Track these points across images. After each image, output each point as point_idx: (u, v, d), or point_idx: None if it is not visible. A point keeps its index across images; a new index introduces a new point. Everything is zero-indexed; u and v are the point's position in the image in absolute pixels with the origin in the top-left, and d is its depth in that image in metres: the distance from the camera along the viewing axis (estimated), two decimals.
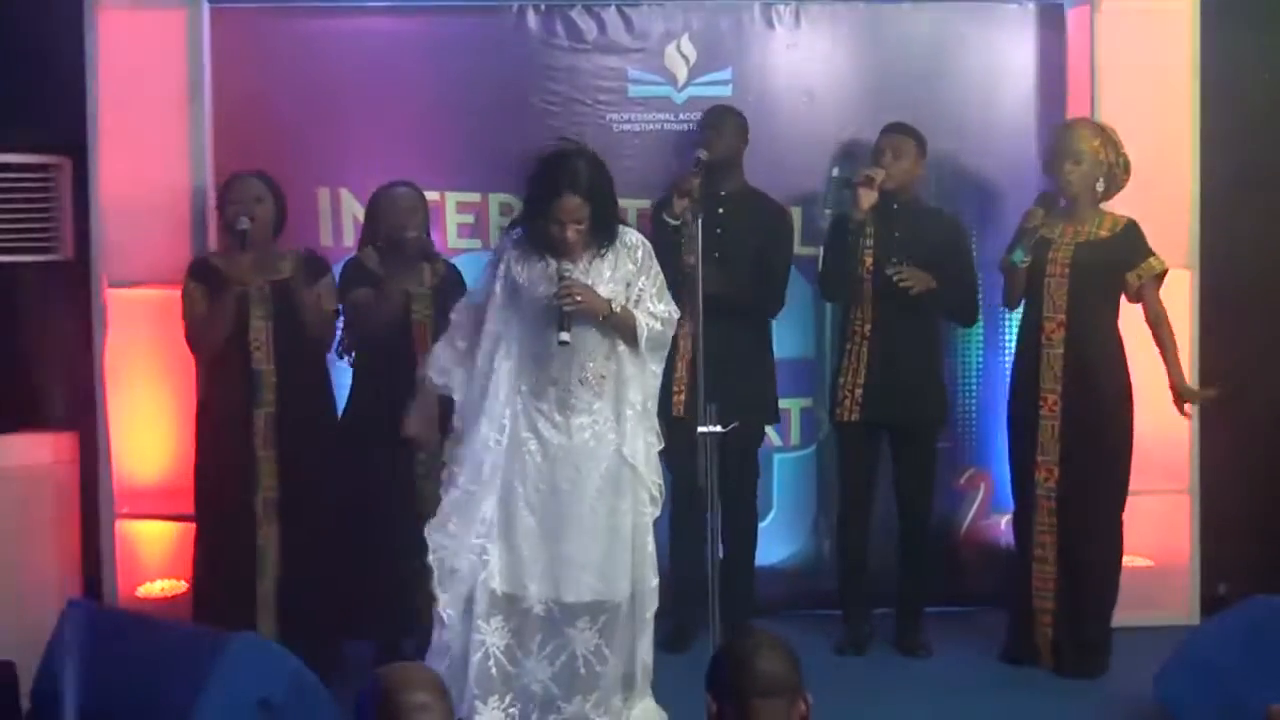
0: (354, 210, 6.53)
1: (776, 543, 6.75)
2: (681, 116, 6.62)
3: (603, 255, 5.16)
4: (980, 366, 6.74)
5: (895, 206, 6.16)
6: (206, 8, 6.41)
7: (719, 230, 6.04)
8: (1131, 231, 6.00)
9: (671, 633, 6.25)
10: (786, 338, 6.68)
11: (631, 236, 5.26)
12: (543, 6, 6.62)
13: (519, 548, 5.13)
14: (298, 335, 5.88)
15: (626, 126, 6.62)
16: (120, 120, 6.27)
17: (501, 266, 5.22)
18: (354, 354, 6.06)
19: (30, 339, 6.26)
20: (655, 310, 5.20)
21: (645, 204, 6.57)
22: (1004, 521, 6.72)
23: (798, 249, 6.66)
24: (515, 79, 6.59)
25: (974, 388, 6.77)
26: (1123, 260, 5.96)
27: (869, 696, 5.69)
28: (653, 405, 5.27)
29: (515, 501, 5.14)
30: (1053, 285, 5.96)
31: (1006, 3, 6.78)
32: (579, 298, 5.02)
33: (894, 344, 6.15)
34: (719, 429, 4.96)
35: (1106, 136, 6.01)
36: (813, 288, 6.65)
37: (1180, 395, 6.02)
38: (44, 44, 6.27)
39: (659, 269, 5.27)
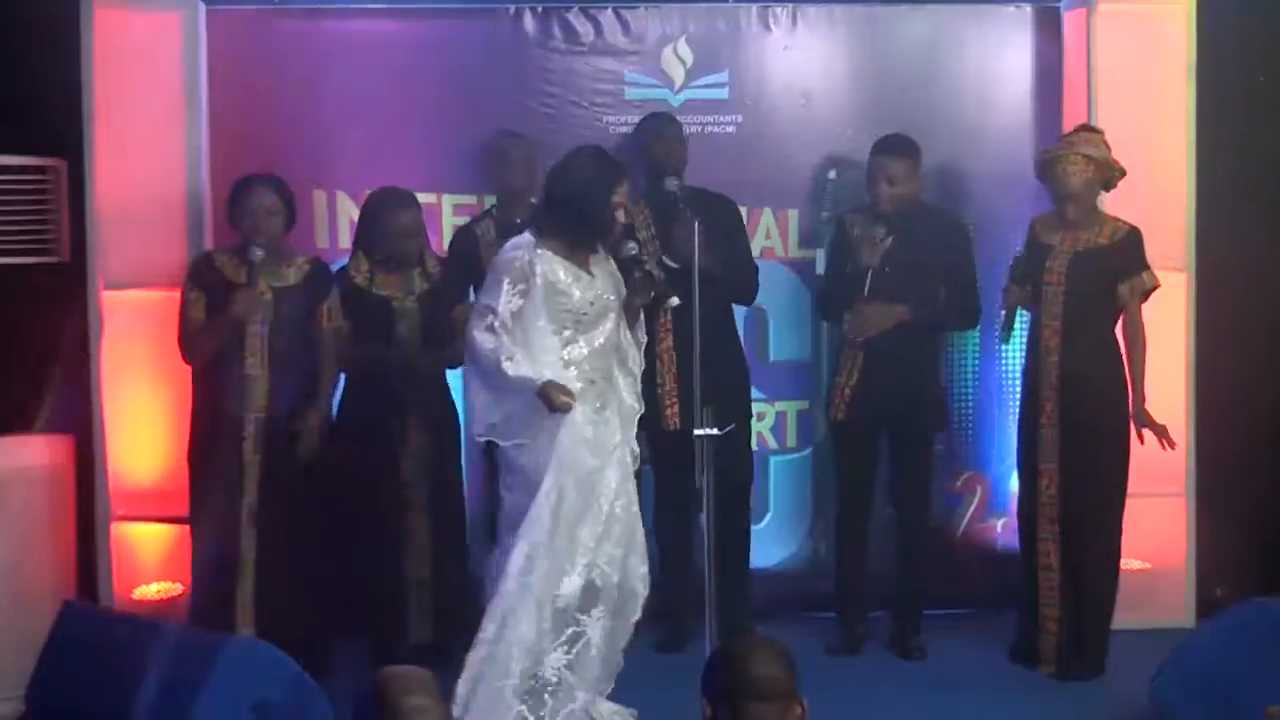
0: (350, 213, 6.52)
1: (772, 545, 6.75)
2: (678, 119, 6.60)
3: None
4: (976, 371, 6.74)
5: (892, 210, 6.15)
6: (202, 10, 6.40)
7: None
8: (1132, 241, 5.96)
9: (667, 635, 6.26)
10: (783, 341, 6.69)
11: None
12: (539, 9, 6.62)
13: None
14: (294, 341, 5.86)
15: (623, 129, 6.61)
16: (116, 122, 6.26)
17: (538, 276, 5.21)
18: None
19: (26, 341, 6.24)
20: None
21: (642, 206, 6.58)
22: (1000, 524, 6.73)
23: (793, 252, 6.67)
24: (512, 81, 6.59)
25: (969, 392, 6.76)
26: (1119, 269, 5.94)
27: (865, 699, 5.69)
28: None
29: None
30: (1049, 294, 5.96)
31: (1003, 5, 6.78)
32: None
33: (889, 349, 6.14)
34: (715, 431, 4.96)
35: (1104, 145, 5.96)
36: (809, 290, 6.65)
37: (1137, 419, 5.97)
38: (40, 46, 6.26)
39: None
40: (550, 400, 5.11)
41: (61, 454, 6.13)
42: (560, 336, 5.25)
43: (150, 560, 6.29)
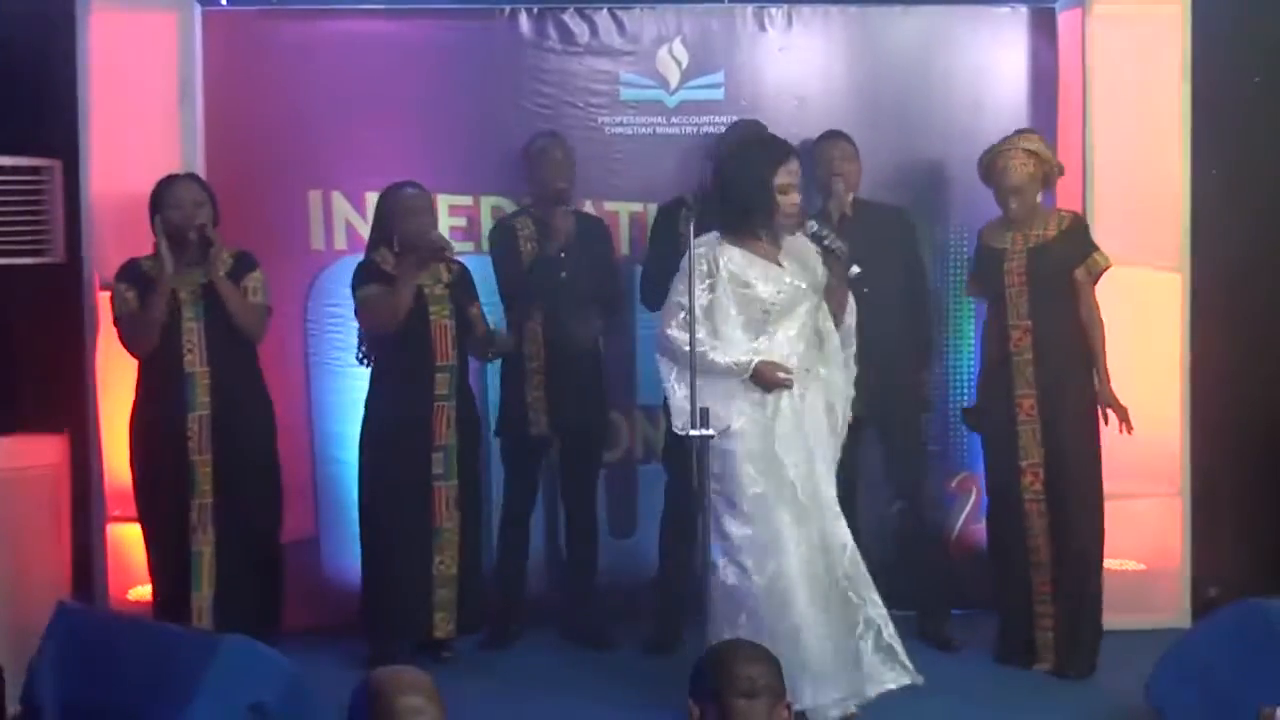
0: (345, 213, 6.53)
1: None
2: (673, 120, 6.63)
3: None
4: (971, 371, 6.73)
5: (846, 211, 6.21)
6: (198, 10, 6.41)
7: None
8: (1078, 226, 6.03)
9: (658, 635, 6.26)
10: None
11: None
12: (535, 9, 6.62)
13: None
14: (231, 336, 5.86)
15: (618, 130, 6.62)
16: (111, 123, 6.26)
17: (722, 269, 5.28)
18: (373, 357, 6.07)
19: (21, 341, 6.24)
20: None
21: (638, 208, 6.60)
22: None
23: None
24: (507, 82, 6.60)
25: (965, 392, 6.75)
26: (1072, 257, 5.98)
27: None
28: None
29: None
30: (1013, 294, 5.99)
31: (998, 6, 6.79)
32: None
33: (870, 345, 6.18)
34: (711, 432, 4.96)
35: (1038, 150, 5.96)
36: None
37: (1101, 399, 5.99)
38: (35, 46, 6.27)
39: None
40: (768, 379, 5.24)
41: (56, 454, 6.13)
42: (750, 329, 5.30)
43: (145, 561, 6.28)
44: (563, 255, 6.20)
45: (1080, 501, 5.98)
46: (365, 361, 6.10)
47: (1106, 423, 6.00)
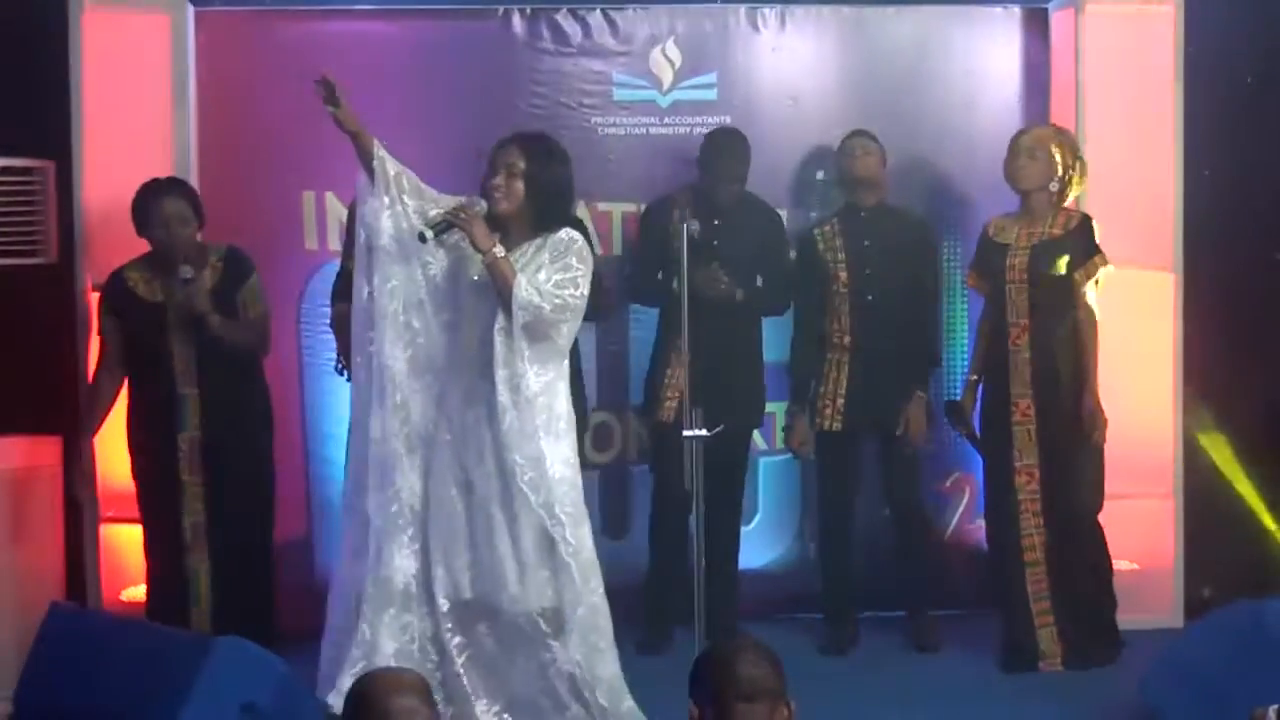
0: (339, 214, 6.52)
1: (761, 546, 6.75)
2: (666, 120, 6.64)
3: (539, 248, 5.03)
4: (963, 372, 6.73)
5: (863, 214, 6.23)
6: (191, 11, 6.40)
7: (715, 242, 6.05)
8: (1084, 228, 6.01)
9: (649, 636, 6.25)
10: (772, 341, 6.67)
11: (568, 234, 5.08)
12: (528, 10, 6.62)
13: None
14: (224, 354, 5.82)
15: (611, 130, 6.63)
16: (105, 124, 6.26)
17: None
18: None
19: (14, 342, 6.23)
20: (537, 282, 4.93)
21: (631, 208, 6.60)
22: None
23: None
24: (500, 82, 6.60)
25: (957, 393, 6.75)
26: (1074, 258, 5.97)
27: (855, 700, 5.68)
28: None
29: None
30: (1013, 291, 5.98)
31: (990, 6, 6.80)
32: (463, 215, 4.94)
33: (876, 352, 6.17)
34: (705, 432, 4.96)
35: (1064, 139, 6.04)
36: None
37: (1083, 406, 5.95)
38: (28, 47, 6.25)
39: (576, 264, 5.00)
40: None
41: (49, 455, 6.12)
42: None
43: (138, 562, 6.27)
44: None
45: (1087, 501, 5.99)
46: (342, 372, 6.03)
47: (1091, 430, 5.98)
